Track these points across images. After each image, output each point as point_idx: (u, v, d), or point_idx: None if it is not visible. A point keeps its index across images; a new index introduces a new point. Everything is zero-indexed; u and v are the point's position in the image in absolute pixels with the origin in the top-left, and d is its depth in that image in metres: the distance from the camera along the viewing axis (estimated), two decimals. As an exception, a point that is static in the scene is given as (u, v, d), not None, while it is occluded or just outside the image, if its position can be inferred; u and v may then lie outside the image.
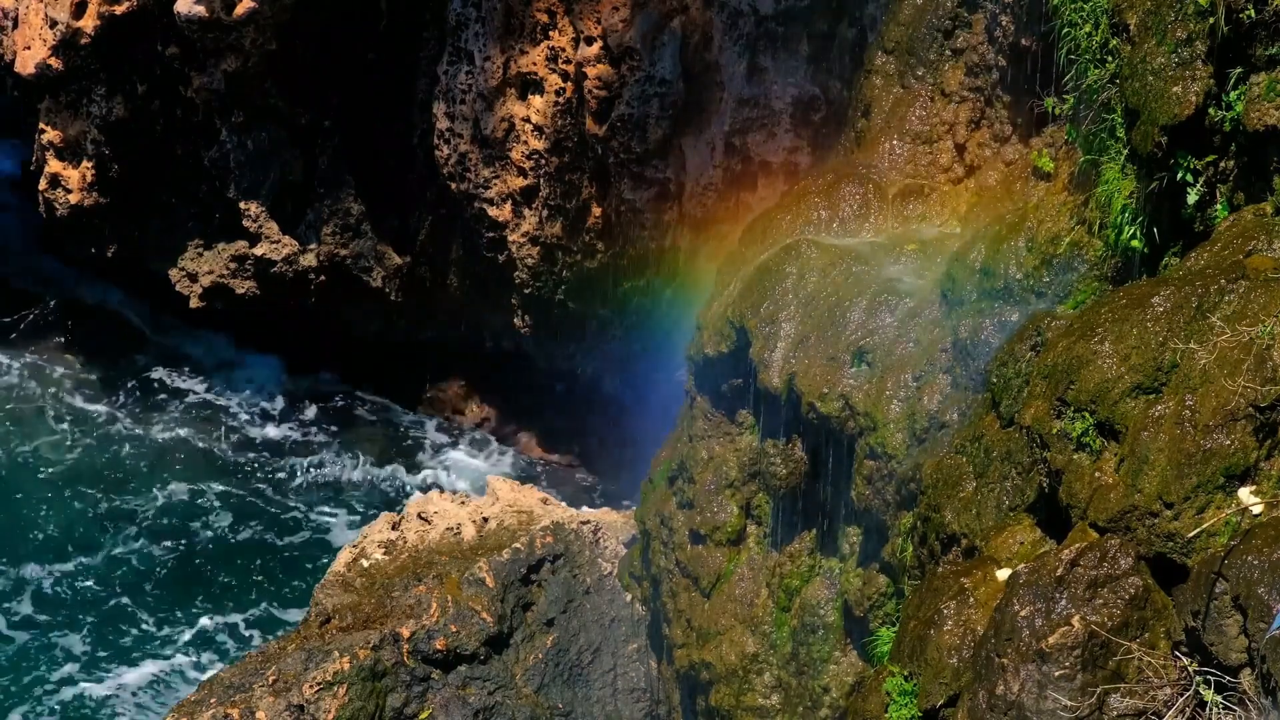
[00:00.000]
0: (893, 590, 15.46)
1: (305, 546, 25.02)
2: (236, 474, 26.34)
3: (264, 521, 25.42)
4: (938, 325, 15.71)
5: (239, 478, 26.27)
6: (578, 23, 22.57)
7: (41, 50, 24.51)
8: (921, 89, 17.79)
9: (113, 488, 25.66)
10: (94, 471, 25.94)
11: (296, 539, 25.17)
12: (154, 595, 23.74)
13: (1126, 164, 13.66)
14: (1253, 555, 10.29)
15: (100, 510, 25.20)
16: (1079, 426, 11.96)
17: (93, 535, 24.71)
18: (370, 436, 27.31)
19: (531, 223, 24.06)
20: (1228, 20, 12.45)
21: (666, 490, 18.54)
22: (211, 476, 26.23)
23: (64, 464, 26.11)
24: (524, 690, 18.61)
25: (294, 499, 26.03)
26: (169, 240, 26.20)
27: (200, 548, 24.75)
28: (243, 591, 23.99)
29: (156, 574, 24.14)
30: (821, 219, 17.78)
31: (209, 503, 25.66)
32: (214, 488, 25.97)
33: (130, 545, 24.66)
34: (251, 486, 26.14)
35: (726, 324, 17.39)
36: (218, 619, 23.43)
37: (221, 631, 23.20)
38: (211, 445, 26.86)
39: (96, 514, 25.11)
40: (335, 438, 27.15)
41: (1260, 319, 11.19)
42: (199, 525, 25.20)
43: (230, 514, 25.49)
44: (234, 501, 25.79)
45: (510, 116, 23.56)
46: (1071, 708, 10.86)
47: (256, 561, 24.54)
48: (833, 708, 16.47)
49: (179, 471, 26.15)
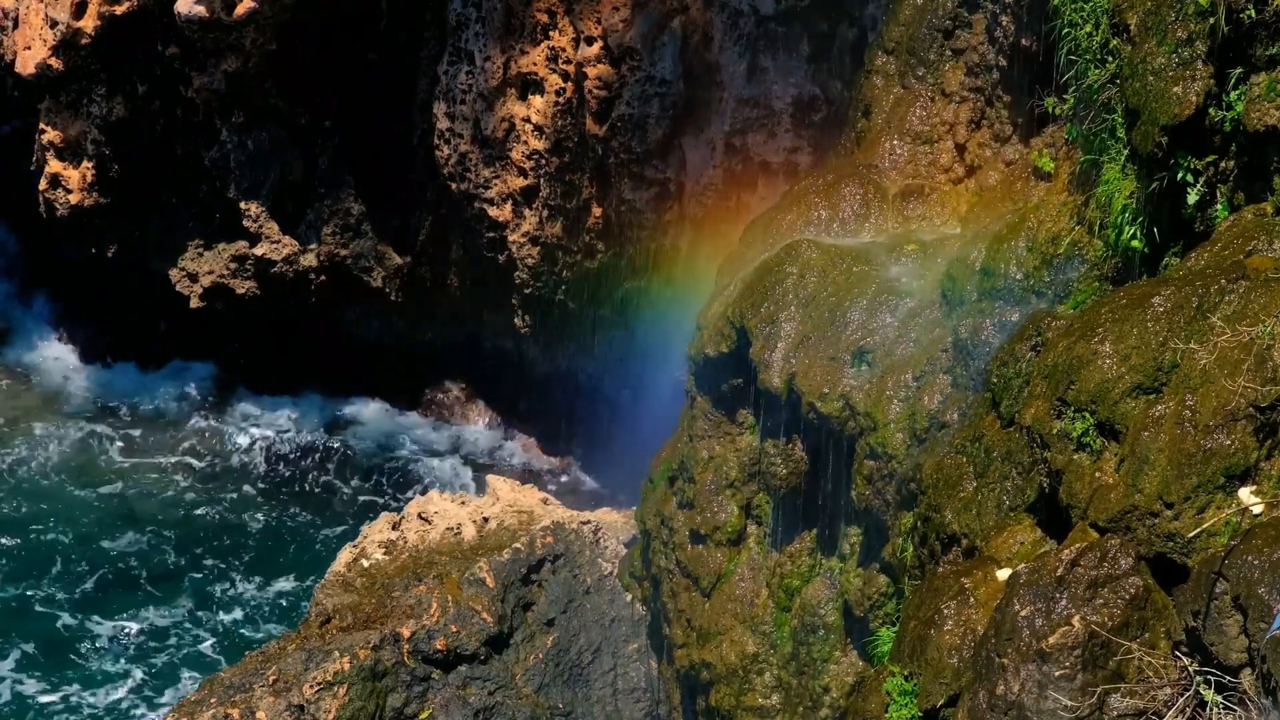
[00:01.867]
0: (893, 590, 15.46)
1: (305, 547, 25.03)
2: (236, 476, 26.36)
3: (265, 521, 25.43)
4: (938, 325, 15.71)
5: (239, 479, 26.29)
6: (578, 23, 22.57)
7: (42, 50, 24.52)
8: (922, 89, 17.78)
9: (116, 491, 25.76)
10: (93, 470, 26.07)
11: (297, 539, 25.17)
12: (157, 594, 23.77)
13: (1127, 164, 13.66)
14: (1253, 555, 10.28)
15: (104, 508, 25.31)
16: (1079, 426, 11.96)
17: (96, 532, 24.80)
18: (370, 437, 27.32)
19: (532, 223, 24.06)
20: (1228, 20, 12.45)
21: (667, 490, 18.54)
22: (212, 479, 26.27)
23: (71, 464, 26.25)
24: (524, 690, 18.61)
25: (294, 499, 26.04)
26: (169, 240, 26.21)
27: (201, 548, 24.79)
28: (242, 591, 23.98)
29: (159, 573, 24.19)
30: (822, 219, 17.78)
31: (209, 506, 25.71)
32: (213, 490, 26.01)
33: (135, 543, 24.74)
34: (251, 487, 26.15)
35: (727, 324, 17.39)
36: (218, 618, 23.43)
37: (222, 631, 23.22)
38: (211, 452, 26.92)
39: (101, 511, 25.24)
40: (336, 438, 27.17)
41: (1260, 319, 11.19)
42: (199, 526, 25.24)
43: (229, 515, 25.51)
44: (233, 503, 25.81)
45: (510, 116, 23.56)
46: (1072, 708, 10.86)
47: (257, 561, 24.56)
48: (833, 708, 16.47)
49: (181, 477, 26.21)
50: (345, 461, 26.77)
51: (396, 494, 26.06)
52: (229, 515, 25.52)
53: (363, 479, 26.52)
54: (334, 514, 25.75)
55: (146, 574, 24.19)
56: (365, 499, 26.10)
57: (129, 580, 24.06)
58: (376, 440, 27.27)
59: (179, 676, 22.37)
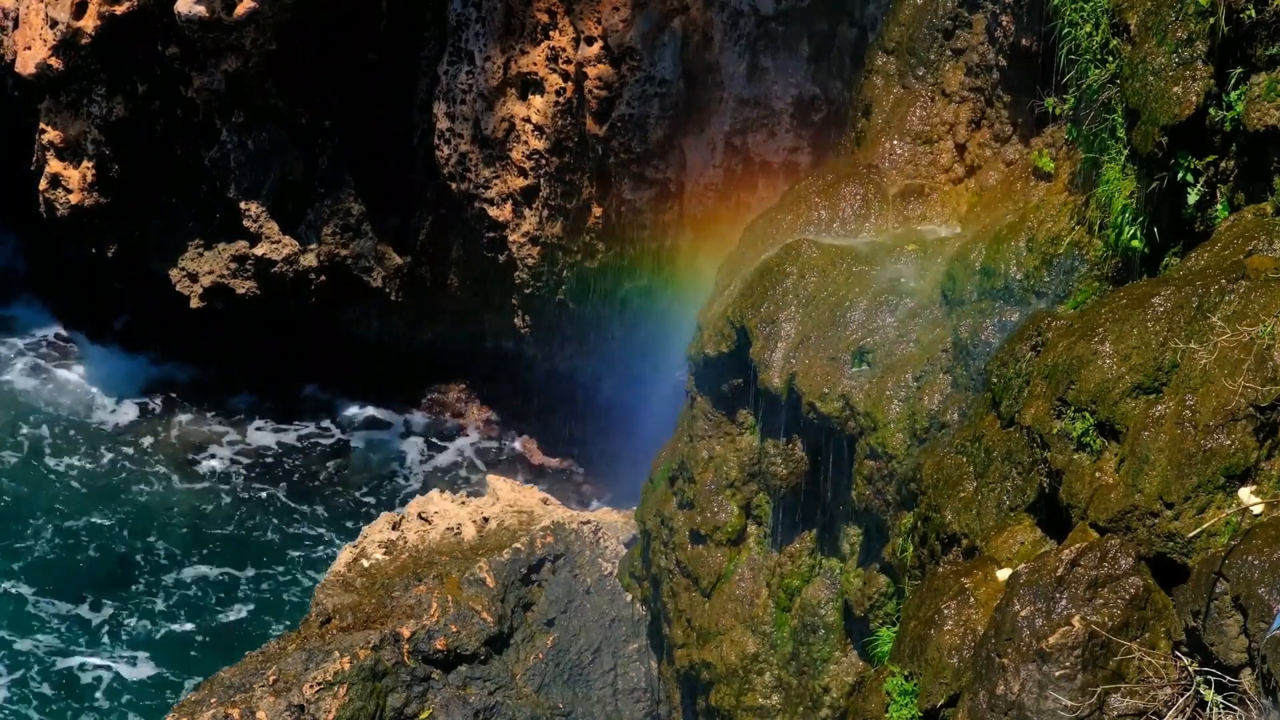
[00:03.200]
0: (893, 590, 15.46)
1: (306, 546, 25.03)
2: (236, 475, 26.35)
3: (264, 521, 25.43)
4: (938, 325, 15.72)
5: (238, 478, 26.28)
6: (578, 23, 22.57)
7: (42, 50, 24.51)
8: (922, 89, 17.78)
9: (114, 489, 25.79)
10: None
11: (297, 539, 25.17)
12: (155, 593, 23.76)
13: (1127, 164, 13.66)
14: (1253, 555, 10.28)
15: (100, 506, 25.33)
16: (1079, 426, 11.96)
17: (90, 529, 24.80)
18: (370, 437, 27.31)
19: (532, 223, 24.06)
20: (1228, 20, 12.45)
21: (667, 490, 18.54)
22: (211, 478, 26.27)
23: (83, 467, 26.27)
24: (524, 690, 18.61)
25: (294, 499, 26.04)
26: (169, 240, 26.19)
27: (200, 547, 24.79)
28: (241, 591, 23.99)
29: (156, 572, 24.17)
30: (822, 219, 17.78)
31: (209, 505, 25.71)
32: (212, 489, 26.01)
33: (132, 542, 24.75)
34: (250, 487, 26.15)
35: (727, 324, 17.39)
36: (218, 618, 23.43)
37: (222, 630, 23.22)
38: (211, 451, 26.92)
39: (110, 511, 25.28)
40: (336, 438, 27.16)
41: (1260, 319, 11.19)
42: (198, 525, 25.24)
43: (228, 514, 25.51)
44: (233, 502, 25.82)
45: (510, 116, 23.56)
46: (1072, 708, 10.86)
47: (256, 560, 24.56)
48: (833, 708, 16.47)
49: (183, 476, 26.21)
50: (345, 461, 26.77)
51: (396, 494, 26.06)
52: (228, 514, 25.52)
53: (363, 479, 26.52)
54: (334, 514, 25.75)
55: (143, 572, 24.18)
56: (365, 499, 26.09)
57: (126, 579, 24.05)
58: (376, 440, 27.27)
59: (179, 676, 22.38)
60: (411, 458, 26.93)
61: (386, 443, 27.26)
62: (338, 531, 25.21)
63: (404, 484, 26.36)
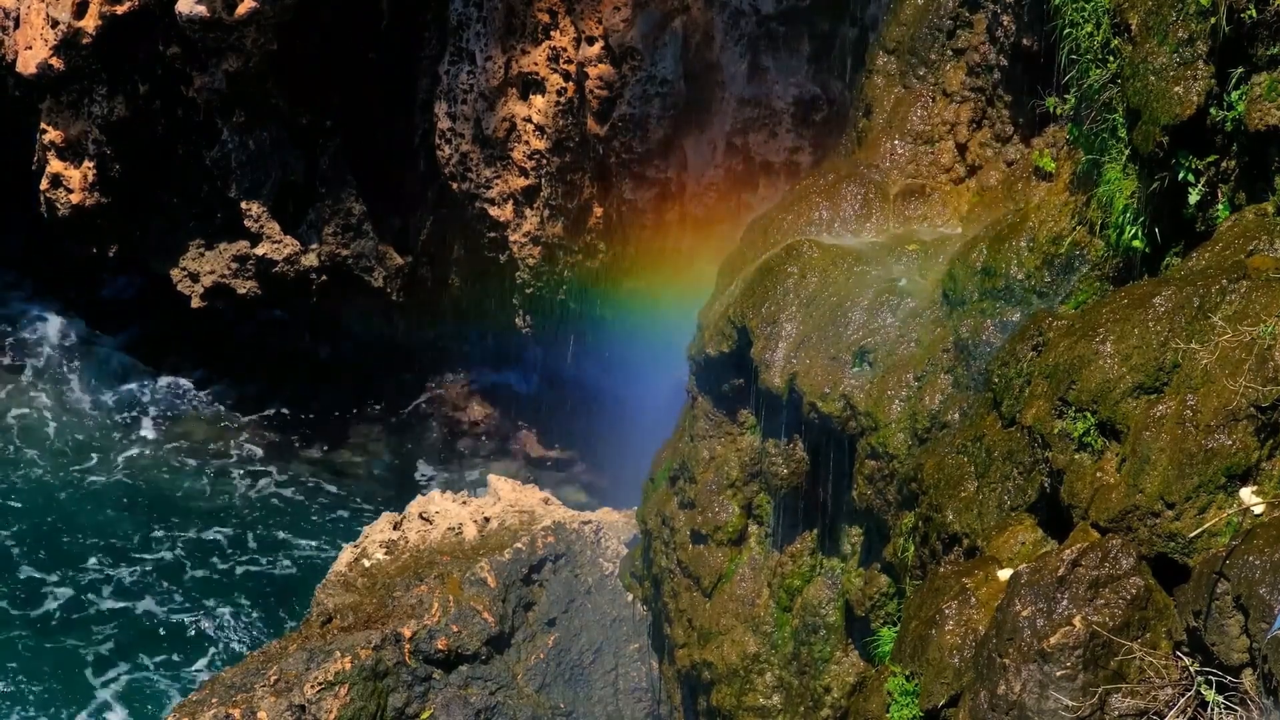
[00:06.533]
0: (894, 590, 15.45)
1: (306, 546, 25.03)
2: (235, 475, 26.37)
3: (264, 521, 25.44)
4: (939, 325, 15.71)
5: (238, 478, 26.29)
6: (579, 23, 22.57)
7: (43, 50, 24.51)
8: (923, 89, 17.78)
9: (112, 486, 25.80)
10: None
11: (297, 539, 25.18)
12: (154, 592, 23.78)
13: (1128, 164, 13.65)
14: (1254, 555, 10.28)
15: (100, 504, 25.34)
16: (1080, 426, 11.96)
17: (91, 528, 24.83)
18: (371, 436, 27.31)
19: (533, 222, 24.06)
20: (1229, 20, 12.45)
21: (668, 490, 18.53)
22: (210, 477, 26.28)
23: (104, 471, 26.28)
24: (525, 690, 18.61)
25: (294, 498, 26.04)
26: (170, 240, 26.21)
27: (200, 546, 24.80)
28: (242, 590, 24.01)
29: (156, 571, 24.17)
30: (823, 219, 17.78)
31: (208, 504, 25.73)
32: (212, 489, 26.03)
33: (132, 540, 24.77)
34: (250, 486, 26.16)
35: (728, 324, 17.39)
36: (218, 617, 23.44)
37: (223, 630, 23.21)
38: (210, 451, 26.93)
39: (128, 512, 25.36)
40: (336, 437, 27.17)
41: (1262, 319, 11.19)
42: (198, 524, 25.26)
43: (228, 514, 25.53)
44: (232, 501, 25.82)
45: (511, 116, 23.57)
46: (1073, 708, 10.86)
47: (256, 560, 24.55)
48: (834, 708, 16.47)
49: (179, 473, 26.24)
50: (345, 461, 26.77)
51: (397, 494, 26.06)
52: (228, 514, 25.53)
53: (363, 479, 26.53)
54: (334, 513, 25.75)
55: (142, 571, 24.19)
56: (366, 499, 26.11)
57: (126, 577, 24.05)
58: (377, 440, 27.26)
59: (179, 676, 22.38)
60: (412, 457, 26.94)
61: (387, 442, 27.27)
62: (338, 531, 25.22)
63: (405, 484, 26.37)
